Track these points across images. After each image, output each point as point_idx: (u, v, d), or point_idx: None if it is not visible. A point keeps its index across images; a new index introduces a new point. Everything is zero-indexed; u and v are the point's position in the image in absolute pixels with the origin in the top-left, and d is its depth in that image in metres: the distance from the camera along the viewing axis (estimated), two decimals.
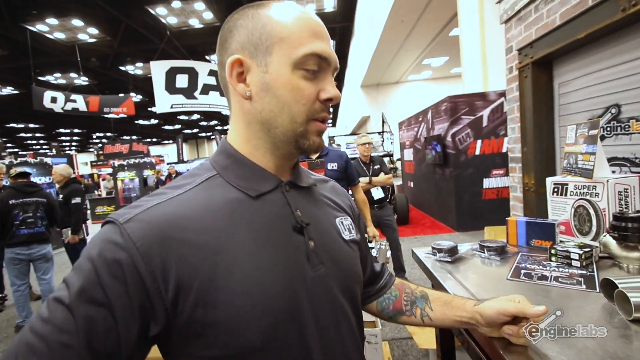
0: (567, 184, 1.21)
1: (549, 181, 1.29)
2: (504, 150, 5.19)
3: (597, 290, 0.84)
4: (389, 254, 2.40)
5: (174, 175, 8.70)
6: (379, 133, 8.61)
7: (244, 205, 0.49)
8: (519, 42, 2.06)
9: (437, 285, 1.13)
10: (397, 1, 6.96)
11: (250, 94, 0.50)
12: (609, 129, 1.54)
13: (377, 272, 0.75)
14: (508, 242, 1.30)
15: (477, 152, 5.27)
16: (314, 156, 2.25)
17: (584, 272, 0.97)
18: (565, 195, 1.22)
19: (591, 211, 1.11)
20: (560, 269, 1.00)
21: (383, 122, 8.72)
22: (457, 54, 6.84)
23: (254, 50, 0.49)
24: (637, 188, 1.04)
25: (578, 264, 0.99)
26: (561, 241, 1.18)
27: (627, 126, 1.43)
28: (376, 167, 3.47)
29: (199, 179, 0.51)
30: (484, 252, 1.21)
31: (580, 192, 1.16)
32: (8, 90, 13.38)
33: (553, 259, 1.06)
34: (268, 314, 0.45)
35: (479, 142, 5.26)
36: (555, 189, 1.27)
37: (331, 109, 0.54)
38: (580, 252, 0.99)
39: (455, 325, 0.67)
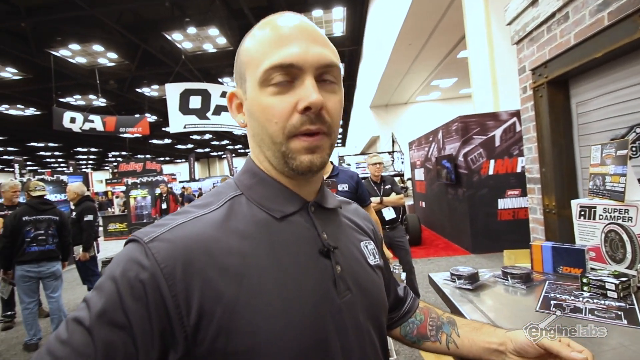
0: (595, 207, 1.15)
1: (575, 204, 1.23)
2: (518, 170, 5.09)
3: None
4: (403, 276, 2.30)
5: (164, 196, 8.52)
6: (389, 153, 8.60)
7: (269, 227, 0.47)
8: (532, 62, 2.04)
9: (457, 314, 1.06)
10: (404, 25, 7.11)
11: (244, 121, 0.51)
12: (634, 149, 1.48)
13: (401, 297, 0.71)
14: (533, 269, 1.22)
15: (491, 172, 5.17)
16: (325, 176, 2.22)
17: (623, 304, 0.89)
18: (594, 218, 1.15)
19: (624, 237, 1.04)
20: (595, 300, 0.93)
21: (393, 141, 8.73)
22: (465, 75, 6.88)
23: (240, 80, 0.50)
24: None
25: (615, 295, 0.92)
26: (592, 269, 1.10)
27: None
28: (387, 186, 3.42)
29: (224, 198, 0.49)
30: (508, 280, 1.14)
31: (610, 216, 1.09)
32: (31, 111, 13.95)
33: (585, 288, 0.99)
34: (294, 345, 0.42)
35: (492, 161, 5.17)
36: (582, 212, 1.20)
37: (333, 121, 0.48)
38: (617, 281, 0.92)
39: (483, 355, 0.60)
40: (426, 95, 13.96)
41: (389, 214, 3.34)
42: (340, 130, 27.95)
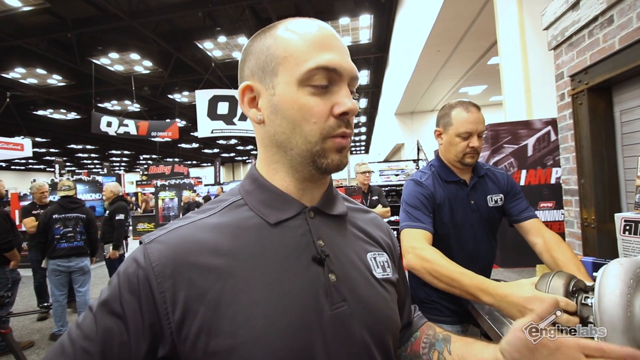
0: None
1: (619, 217, 1.15)
2: (552, 181, 4.84)
3: None
4: None
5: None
6: (414, 161, 8.44)
7: (261, 232, 0.48)
8: (571, 68, 1.94)
9: (489, 331, 1.01)
10: (433, 32, 7.02)
11: (262, 117, 0.49)
12: None
13: (413, 317, 0.68)
14: None
15: (522, 183, 4.94)
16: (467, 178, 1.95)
17: None
18: None
19: None
20: None
21: (418, 149, 8.57)
22: (496, 82, 6.66)
23: (262, 73, 0.48)
24: None
25: None
26: None
27: None
28: (374, 198, 3.27)
29: (224, 203, 0.51)
30: None
31: None
32: (72, 115, 14.91)
33: None
34: (272, 350, 0.41)
35: (523, 172, 4.93)
36: (627, 227, 1.11)
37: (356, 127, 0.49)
38: None
39: None
40: None
41: None
42: (364, 137, 27.80)
